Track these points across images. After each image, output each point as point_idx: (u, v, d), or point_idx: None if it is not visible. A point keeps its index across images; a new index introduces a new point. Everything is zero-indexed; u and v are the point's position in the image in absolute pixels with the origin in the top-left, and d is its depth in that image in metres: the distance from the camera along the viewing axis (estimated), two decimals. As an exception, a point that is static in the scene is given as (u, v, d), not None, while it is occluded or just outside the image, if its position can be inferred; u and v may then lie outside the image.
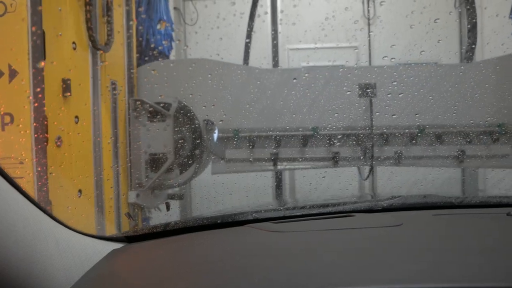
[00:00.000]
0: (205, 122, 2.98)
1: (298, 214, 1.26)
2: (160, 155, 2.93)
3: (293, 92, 2.90)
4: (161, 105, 2.94)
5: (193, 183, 4.25)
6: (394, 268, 0.78)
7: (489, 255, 0.84)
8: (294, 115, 2.92)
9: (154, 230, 1.23)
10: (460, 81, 2.80)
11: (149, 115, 2.95)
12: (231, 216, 1.24)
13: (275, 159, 2.96)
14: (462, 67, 2.80)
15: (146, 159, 2.93)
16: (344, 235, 1.04)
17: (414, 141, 2.86)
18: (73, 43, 2.29)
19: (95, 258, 1.01)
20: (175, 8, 5.73)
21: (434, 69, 2.93)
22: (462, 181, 5.39)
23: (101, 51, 2.50)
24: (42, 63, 1.93)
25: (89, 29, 2.35)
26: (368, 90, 2.85)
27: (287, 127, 2.94)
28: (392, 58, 3.33)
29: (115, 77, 2.70)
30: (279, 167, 3.00)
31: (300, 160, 2.98)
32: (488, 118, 2.83)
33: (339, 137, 2.93)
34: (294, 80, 2.90)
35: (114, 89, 2.69)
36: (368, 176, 2.95)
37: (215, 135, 3.02)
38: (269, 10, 5.14)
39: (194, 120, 2.98)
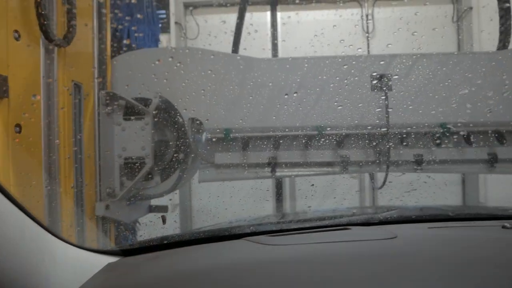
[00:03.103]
0: (191, 121, 2.36)
1: (294, 227, 1.21)
2: (137, 159, 2.29)
3: (294, 85, 2.29)
4: (140, 101, 2.33)
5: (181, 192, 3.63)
6: (386, 281, 0.75)
7: (483, 268, 0.80)
8: (295, 112, 2.30)
9: (150, 244, 1.19)
10: (492, 71, 2.20)
11: (124, 112, 2.32)
12: (227, 230, 1.20)
13: (273, 164, 2.33)
14: (496, 55, 2.19)
15: (120, 164, 2.30)
16: (338, 248, 1.00)
17: (437, 143, 2.24)
18: (15, 31, 1.66)
19: (90, 271, 0.98)
20: (176, 23, 5.35)
21: (460, 58, 2.33)
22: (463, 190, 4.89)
23: (59, 46, 1.87)
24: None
25: (40, 16, 1.73)
26: (383, 82, 2.24)
27: (288, 126, 2.32)
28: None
29: (79, 78, 2.07)
30: (277, 173, 2.36)
31: (302, 165, 2.35)
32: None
33: (348, 137, 2.31)
34: (298, 72, 2.29)
35: (78, 91, 2.07)
36: (383, 185, 2.32)
37: (203, 136, 2.40)
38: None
39: (178, 118, 2.37)
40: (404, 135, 2.26)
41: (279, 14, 5.60)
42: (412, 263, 0.85)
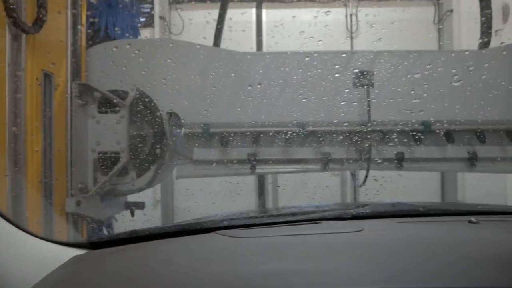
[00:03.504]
0: (169, 114, 2.26)
1: (267, 221, 1.20)
2: (112, 154, 2.19)
3: (277, 80, 2.22)
4: (115, 93, 2.22)
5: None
6: (342, 271, 0.77)
7: (445, 259, 0.81)
8: (277, 108, 2.23)
9: (119, 237, 1.16)
10: (475, 70, 2.17)
11: (99, 104, 2.22)
12: (199, 224, 1.17)
13: (253, 161, 2.25)
14: (476, 54, 2.16)
15: (94, 159, 2.19)
16: (305, 240, 1.00)
17: (418, 141, 2.19)
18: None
19: (56, 264, 0.93)
20: (160, 17, 5.23)
21: (442, 56, 2.30)
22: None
23: (28, 32, 1.75)
24: None
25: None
26: (365, 79, 2.18)
27: (269, 122, 2.24)
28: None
29: (50, 68, 1.95)
30: (258, 170, 2.29)
31: (283, 162, 2.28)
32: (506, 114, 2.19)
33: (329, 134, 2.25)
34: (279, 66, 2.22)
35: (48, 82, 1.95)
36: (364, 182, 2.27)
37: (181, 131, 2.31)
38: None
39: (155, 112, 2.27)
40: (386, 133, 2.21)
41: (264, 12, 5.55)
42: (374, 254, 0.86)
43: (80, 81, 2.14)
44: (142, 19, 5.23)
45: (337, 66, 2.23)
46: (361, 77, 2.20)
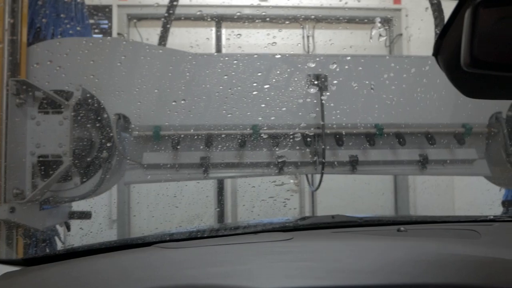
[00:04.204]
0: (117, 116, 2.12)
1: (207, 235, 1.21)
2: (53, 157, 2.01)
3: (230, 81, 2.14)
4: (59, 93, 2.06)
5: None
6: (261, 273, 0.81)
7: (371, 264, 0.85)
8: (230, 110, 2.14)
9: (56, 253, 1.13)
10: (424, 75, 2.19)
11: (40, 104, 2.04)
12: (140, 238, 1.17)
13: (206, 165, 2.14)
14: (428, 59, 2.18)
15: (33, 162, 2.00)
16: (236, 249, 1.04)
17: (371, 144, 2.16)
18: None
19: None
20: (118, 34, 5.08)
21: (395, 60, 2.31)
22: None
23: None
24: None
25: None
26: (319, 82, 2.15)
27: (222, 125, 2.14)
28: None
29: None
30: (211, 174, 2.17)
31: (237, 166, 2.18)
32: (453, 117, 2.21)
33: (284, 138, 2.17)
34: (234, 68, 2.14)
35: None
36: (318, 186, 2.20)
37: (130, 134, 2.16)
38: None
39: (102, 113, 2.12)
40: (340, 136, 2.17)
41: (224, 31, 5.55)
42: (298, 259, 0.90)
43: (18, 78, 1.96)
44: (100, 35, 5.07)
45: (292, 69, 2.18)
46: (315, 80, 2.17)
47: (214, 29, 5.58)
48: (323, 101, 2.15)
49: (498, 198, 2.70)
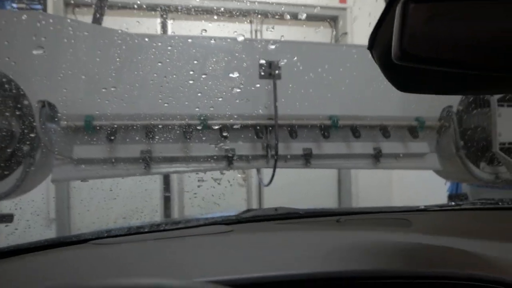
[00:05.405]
0: (41, 104, 1.78)
1: (146, 230, 1.15)
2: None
3: (173, 66, 1.87)
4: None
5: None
6: (192, 268, 0.80)
7: (311, 252, 0.87)
8: (174, 99, 1.87)
9: None
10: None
11: None
12: (75, 236, 1.09)
13: (146, 159, 1.86)
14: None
15: None
16: (169, 243, 1.02)
17: (325, 136, 2.00)
18: None
19: None
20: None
21: (352, 49, 2.16)
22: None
23: None
24: None
25: None
26: (272, 70, 1.95)
27: (164, 114, 1.88)
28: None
29: None
30: (152, 170, 1.90)
31: (182, 160, 1.93)
32: (407, 110, 2.11)
33: (233, 129, 1.95)
34: (175, 51, 1.87)
35: None
36: (271, 181, 2.00)
37: (56, 124, 1.83)
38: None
39: (22, 100, 1.77)
40: (293, 128, 1.99)
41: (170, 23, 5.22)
42: (235, 250, 0.90)
43: None
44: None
45: (243, 56, 1.96)
46: (267, 68, 1.96)
47: (159, 20, 5.24)
48: (275, 91, 1.95)
49: (432, 189, 2.69)
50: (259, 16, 5.19)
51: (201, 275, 0.75)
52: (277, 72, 1.98)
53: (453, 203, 1.43)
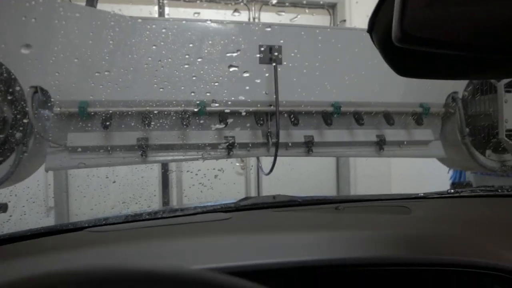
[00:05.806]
0: (33, 90, 1.70)
1: (143, 218, 1.13)
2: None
3: (171, 50, 1.79)
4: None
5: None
6: (190, 254, 0.79)
7: (310, 238, 0.86)
8: (171, 84, 1.79)
9: None
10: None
11: None
12: (72, 224, 1.07)
13: (143, 147, 1.79)
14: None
15: None
16: (167, 230, 1.01)
17: (328, 123, 1.93)
18: None
19: None
20: None
21: (349, 34, 2.08)
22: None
23: None
24: None
25: None
26: (272, 55, 1.86)
27: (162, 101, 1.80)
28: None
29: None
30: (149, 158, 1.83)
31: (180, 148, 1.85)
32: (411, 96, 2.04)
33: (232, 116, 1.88)
34: (169, 34, 1.79)
35: None
36: (271, 170, 1.94)
37: (50, 110, 1.75)
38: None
39: (14, 86, 1.69)
40: (294, 114, 1.91)
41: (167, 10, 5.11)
42: (235, 237, 0.88)
43: None
44: None
45: (241, 39, 1.87)
46: (267, 52, 1.88)
47: (156, 7, 5.13)
48: (276, 76, 1.87)
49: (431, 176, 2.63)
50: (257, 2, 5.08)
51: (200, 262, 0.74)
52: (277, 54, 1.89)
53: (452, 191, 1.38)
